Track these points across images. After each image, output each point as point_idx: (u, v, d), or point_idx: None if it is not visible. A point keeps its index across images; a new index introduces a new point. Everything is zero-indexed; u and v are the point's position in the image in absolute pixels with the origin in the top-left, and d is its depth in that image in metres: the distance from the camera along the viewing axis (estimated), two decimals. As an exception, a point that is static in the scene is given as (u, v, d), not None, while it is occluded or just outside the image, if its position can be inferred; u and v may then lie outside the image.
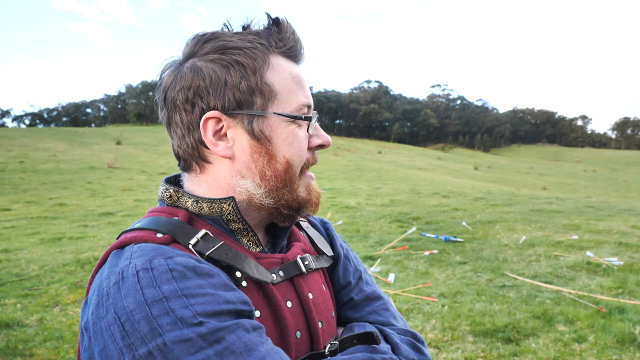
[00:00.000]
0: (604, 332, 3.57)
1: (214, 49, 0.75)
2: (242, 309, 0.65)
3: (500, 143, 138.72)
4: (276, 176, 0.77)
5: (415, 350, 0.85)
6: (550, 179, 34.80)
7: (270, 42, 0.77)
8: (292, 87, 0.78)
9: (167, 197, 0.80)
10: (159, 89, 0.80)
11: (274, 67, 0.77)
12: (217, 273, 0.67)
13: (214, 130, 0.75)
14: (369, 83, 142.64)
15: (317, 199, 0.84)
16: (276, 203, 0.78)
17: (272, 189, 0.77)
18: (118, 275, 0.62)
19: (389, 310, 0.94)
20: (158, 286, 0.60)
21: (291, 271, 0.81)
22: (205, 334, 0.58)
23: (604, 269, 5.22)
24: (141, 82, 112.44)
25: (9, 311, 4.11)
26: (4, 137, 26.91)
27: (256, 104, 0.75)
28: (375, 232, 7.82)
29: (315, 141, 0.82)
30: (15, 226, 8.57)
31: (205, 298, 0.61)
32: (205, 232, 0.74)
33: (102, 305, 0.61)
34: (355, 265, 0.99)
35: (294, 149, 0.78)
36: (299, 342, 0.77)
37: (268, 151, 0.76)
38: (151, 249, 0.66)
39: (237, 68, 0.74)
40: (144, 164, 21.62)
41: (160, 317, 0.58)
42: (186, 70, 0.76)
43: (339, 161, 30.72)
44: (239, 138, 0.76)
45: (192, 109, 0.75)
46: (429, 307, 4.23)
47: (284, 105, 0.77)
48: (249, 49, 0.75)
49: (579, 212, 9.50)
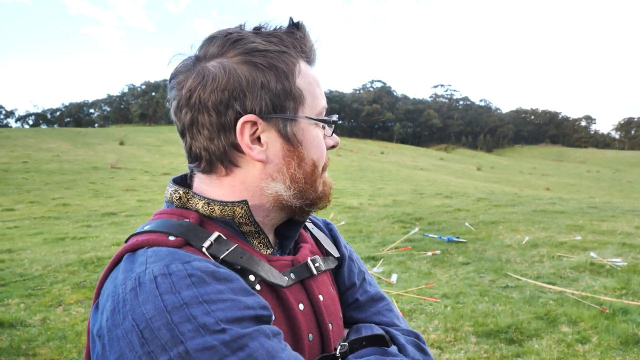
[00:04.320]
0: (607, 333, 3.55)
1: (244, 50, 0.73)
2: (262, 314, 0.64)
3: (503, 143, 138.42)
4: (305, 178, 0.78)
5: (420, 350, 0.85)
6: (553, 180, 34.71)
7: (296, 46, 0.78)
8: (316, 90, 0.80)
9: (177, 198, 0.78)
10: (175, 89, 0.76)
11: (302, 71, 0.78)
12: (236, 278, 0.65)
13: (250, 134, 0.74)
14: (372, 83, 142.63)
15: (330, 191, 0.87)
16: (303, 203, 0.80)
17: (301, 190, 0.79)
18: (135, 281, 0.61)
19: (393, 311, 0.95)
20: (178, 292, 0.58)
21: (302, 273, 0.81)
22: (228, 341, 0.57)
23: (608, 270, 5.20)
24: (144, 82, 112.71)
25: (13, 311, 4.12)
26: (8, 138, 27.05)
27: (289, 108, 0.76)
28: (377, 233, 7.82)
29: (329, 142, 0.85)
30: (18, 226, 8.61)
31: (226, 304, 0.60)
32: (219, 235, 0.72)
33: (119, 312, 0.59)
34: (358, 267, 1.00)
35: (319, 151, 0.81)
36: (311, 345, 0.77)
37: (299, 154, 0.77)
38: (167, 253, 0.65)
39: (272, 71, 0.73)
40: (147, 164, 21.68)
41: (182, 324, 0.56)
42: (216, 71, 0.73)
43: (342, 161, 30.72)
44: (273, 142, 0.76)
45: (225, 110, 0.73)
46: (431, 307, 4.22)
47: (311, 108, 0.79)
48: (280, 53, 0.75)
49: (582, 213, 9.47)
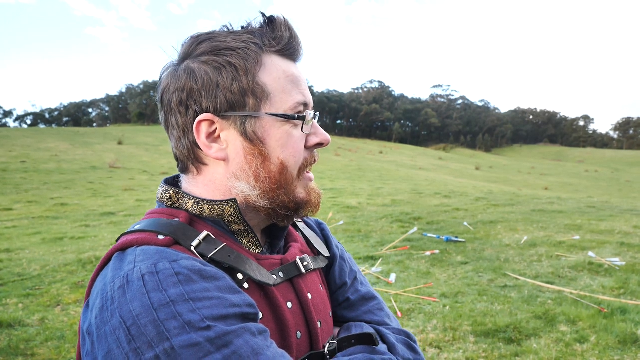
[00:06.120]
0: (605, 332, 3.56)
1: (207, 50, 0.74)
2: (248, 312, 0.65)
3: (502, 143, 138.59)
4: (270, 178, 0.76)
5: (410, 349, 0.86)
6: (552, 179, 34.75)
7: (264, 41, 0.76)
8: (287, 86, 0.77)
9: (167, 198, 0.80)
10: (157, 91, 0.80)
11: (267, 66, 0.76)
12: (223, 276, 0.66)
13: (207, 133, 0.75)
14: (371, 83, 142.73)
15: (317, 200, 0.83)
16: (272, 204, 0.77)
17: (267, 190, 0.76)
18: (123, 279, 0.62)
19: (384, 310, 0.95)
20: (164, 290, 0.60)
21: (291, 272, 0.82)
22: (213, 338, 0.58)
23: (606, 270, 5.21)
24: (142, 82, 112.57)
25: (11, 311, 4.11)
26: (6, 137, 26.98)
27: (248, 105, 0.75)
28: (376, 232, 7.82)
29: (313, 140, 0.80)
30: (17, 226, 8.60)
31: (212, 302, 0.61)
32: (207, 234, 0.73)
33: (107, 310, 0.60)
34: (350, 266, 1.00)
35: (289, 150, 0.77)
36: (300, 343, 0.78)
37: (261, 153, 0.75)
38: (155, 252, 0.66)
39: (229, 69, 0.73)
40: (146, 164, 21.65)
41: (168, 321, 0.57)
42: (181, 72, 0.75)
43: (341, 161, 30.73)
44: (233, 140, 0.76)
45: (186, 111, 0.75)
46: (430, 307, 4.22)
47: (278, 105, 0.76)
48: (241, 49, 0.74)
49: (580, 213, 9.49)
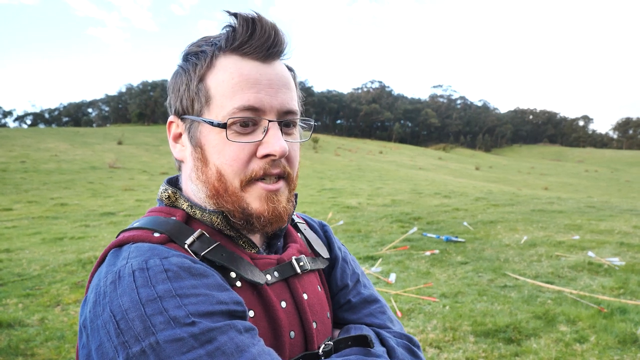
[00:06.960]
0: (605, 332, 3.56)
1: (182, 55, 0.79)
2: (235, 309, 0.66)
3: (501, 143, 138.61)
4: (209, 183, 0.76)
5: (411, 354, 0.85)
6: (551, 179, 34.75)
7: (226, 43, 0.73)
8: (233, 89, 0.71)
9: (166, 197, 0.82)
10: None
11: (217, 69, 0.73)
12: (212, 273, 0.67)
13: (174, 134, 0.81)
14: (371, 83, 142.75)
15: (277, 214, 0.76)
16: (219, 209, 0.76)
17: (210, 195, 0.76)
18: (115, 274, 0.64)
19: (386, 314, 0.94)
20: (153, 286, 0.61)
21: (286, 272, 0.82)
22: (197, 334, 0.59)
23: (606, 269, 5.22)
24: (141, 82, 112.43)
25: (11, 311, 4.11)
26: (6, 137, 26.97)
27: (195, 110, 0.75)
28: (376, 232, 7.82)
29: (261, 150, 0.73)
30: (16, 226, 8.60)
31: (199, 298, 0.62)
32: (202, 233, 0.74)
33: (99, 304, 0.62)
34: (352, 268, 0.99)
35: (224, 158, 0.73)
36: (293, 342, 0.78)
37: (203, 157, 0.76)
38: (147, 249, 0.68)
39: (183, 74, 0.77)
40: (145, 164, 21.66)
41: (154, 316, 0.59)
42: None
43: (340, 161, 30.74)
44: (187, 142, 0.79)
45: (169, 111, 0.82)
46: (430, 307, 4.22)
47: (217, 110, 0.72)
48: (197, 54, 0.76)
49: (580, 213, 9.49)
